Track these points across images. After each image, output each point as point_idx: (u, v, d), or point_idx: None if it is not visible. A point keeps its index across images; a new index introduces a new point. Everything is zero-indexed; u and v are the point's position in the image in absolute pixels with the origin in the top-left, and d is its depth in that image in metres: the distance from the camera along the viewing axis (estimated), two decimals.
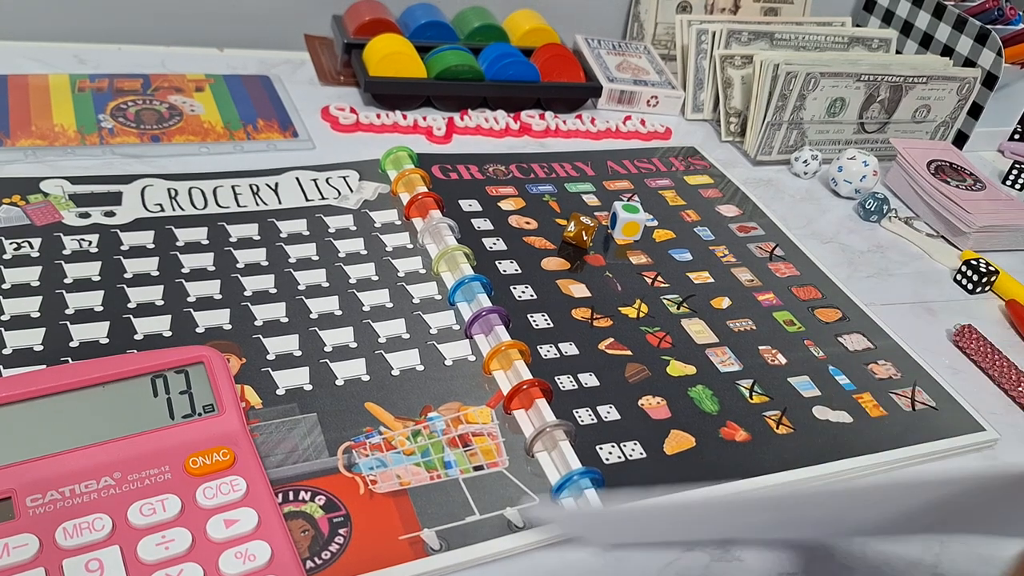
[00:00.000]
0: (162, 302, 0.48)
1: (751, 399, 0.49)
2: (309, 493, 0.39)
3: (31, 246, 0.49)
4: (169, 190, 0.56)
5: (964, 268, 0.65)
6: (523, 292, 0.54)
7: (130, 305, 0.47)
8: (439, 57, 0.72)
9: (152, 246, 0.51)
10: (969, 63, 0.84)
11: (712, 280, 0.59)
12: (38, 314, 0.45)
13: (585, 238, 0.58)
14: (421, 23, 0.76)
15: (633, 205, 0.61)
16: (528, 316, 0.52)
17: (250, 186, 0.59)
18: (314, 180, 0.60)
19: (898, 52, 0.89)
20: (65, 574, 0.33)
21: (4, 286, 0.46)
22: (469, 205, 0.61)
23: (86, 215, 0.53)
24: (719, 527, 0.38)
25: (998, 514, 0.33)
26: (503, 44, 0.76)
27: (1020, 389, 0.54)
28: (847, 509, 0.34)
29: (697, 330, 0.54)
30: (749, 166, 0.77)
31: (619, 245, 0.60)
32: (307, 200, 0.58)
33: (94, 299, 0.47)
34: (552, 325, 0.51)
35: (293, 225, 0.56)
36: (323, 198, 0.59)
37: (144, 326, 0.46)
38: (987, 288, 0.65)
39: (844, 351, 0.55)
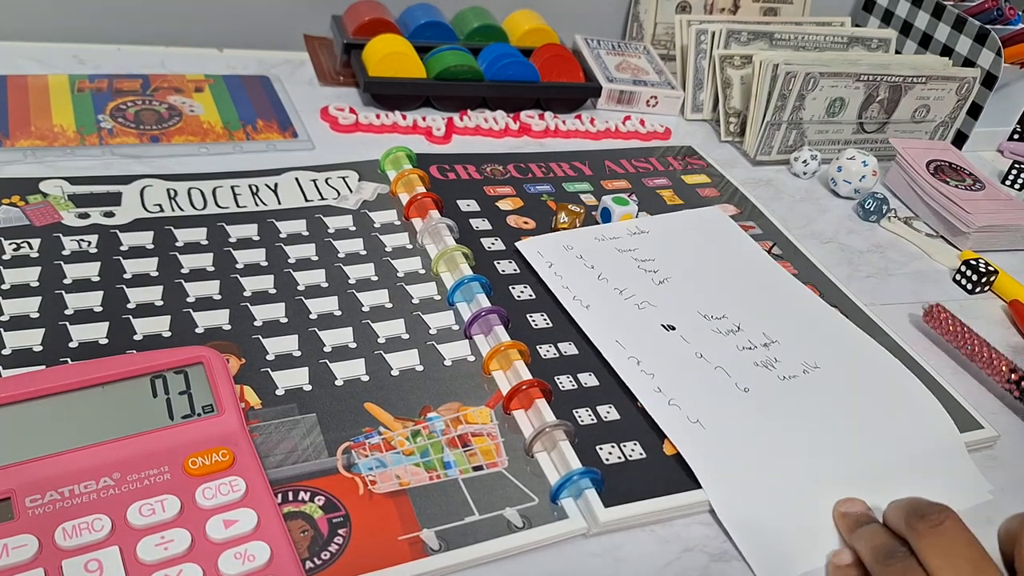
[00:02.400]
0: (161, 302, 0.48)
1: None
2: (308, 493, 0.39)
3: (30, 246, 0.49)
4: (168, 190, 0.56)
5: (963, 268, 0.65)
6: (522, 292, 0.54)
7: (129, 305, 0.47)
8: (438, 57, 0.72)
9: (151, 246, 0.51)
10: (968, 63, 0.84)
11: None
12: (37, 314, 0.45)
13: (578, 224, 0.60)
14: (420, 23, 0.76)
15: (621, 197, 0.62)
16: (527, 316, 0.52)
17: (249, 186, 0.59)
18: (313, 180, 0.60)
19: (897, 52, 0.89)
20: (64, 575, 0.33)
21: (3, 286, 0.46)
22: (467, 205, 0.61)
23: (85, 215, 0.53)
24: None
25: None
26: (502, 44, 0.76)
27: (998, 367, 0.54)
28: None
29: None
30: (748, 166, 0.77)
31: None
32: (306, 200, 0.58)
33: (93, 299, 0.47)
34: (551, 325, 0.51)
35: (292, 225, 0.56)
36: (322, 198, 0.59)
37: (143, 326, 0.46)
38: (986, 288, 0.65)
39: None
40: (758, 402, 0.48)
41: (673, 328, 0.52)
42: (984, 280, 0.64)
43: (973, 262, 0.65)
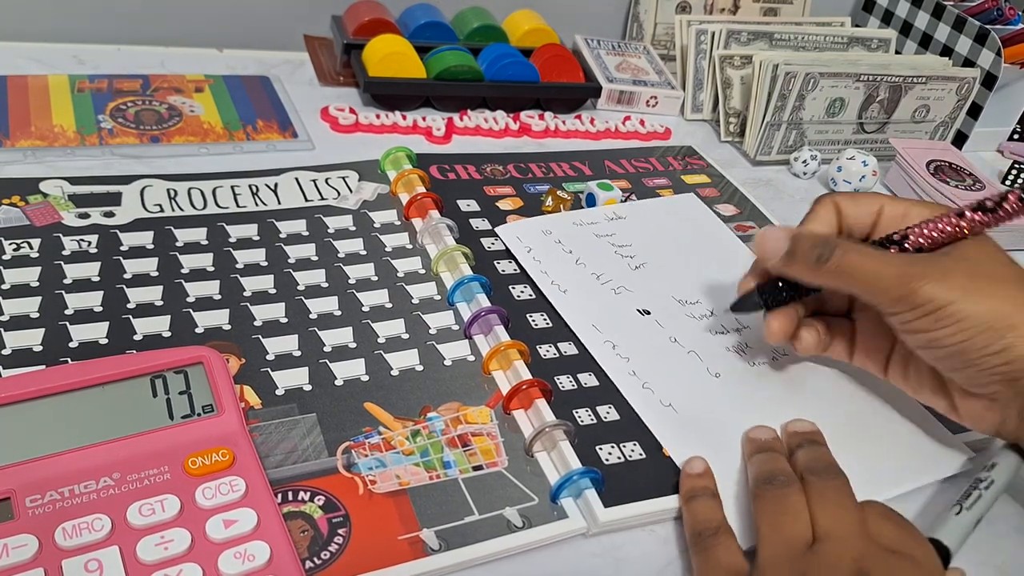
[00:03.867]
0: (161, 302, 0.48)
1: None
2: (308, 493, 0.39)
3: (30, 246, 0.49)
4: (168, 190, 0.56)
5: None
6: (522, 292, 0.54)
7: (129, 305, 0.47)
8: (438, 57, 0.72)
9: (151, 246, 0.51)
10: (968, 63, 0.84)
11: None
12: (37, 314, 0.45)
13: (563, 210, 0.61)
14: (420, 23, 0.76)
15: (606, 183, 0.63)
16: (527, 316, 0.52)
17: (249, 186, 0.59)
18: (313, 180, 0.61)
19: (897, 52, 0.89)
20: (64, 574, 0.33)
21: (4, 286, 0.46)
22: (467, 205, 0.61)
23: (85, 215, 0.53)
24: None
25: None
26: (502, 44, 0.76)
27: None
28: None
29: None
30: (748, 166, 0.77)
31: None
32: (306, 200, 0.58)
33: (93, 299, 0.47)
34: (551, 325, 0.51)
35: (292, 225, 0.56)
36: (322, 198, 0.59)
37: (143, 326, 0.46)
38: None
39: None
40: (729, 387, 0.49)
41: (648, 312, 0.52)
42: None
43: None
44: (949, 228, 0.43)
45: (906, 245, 0.43)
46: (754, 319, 0.53)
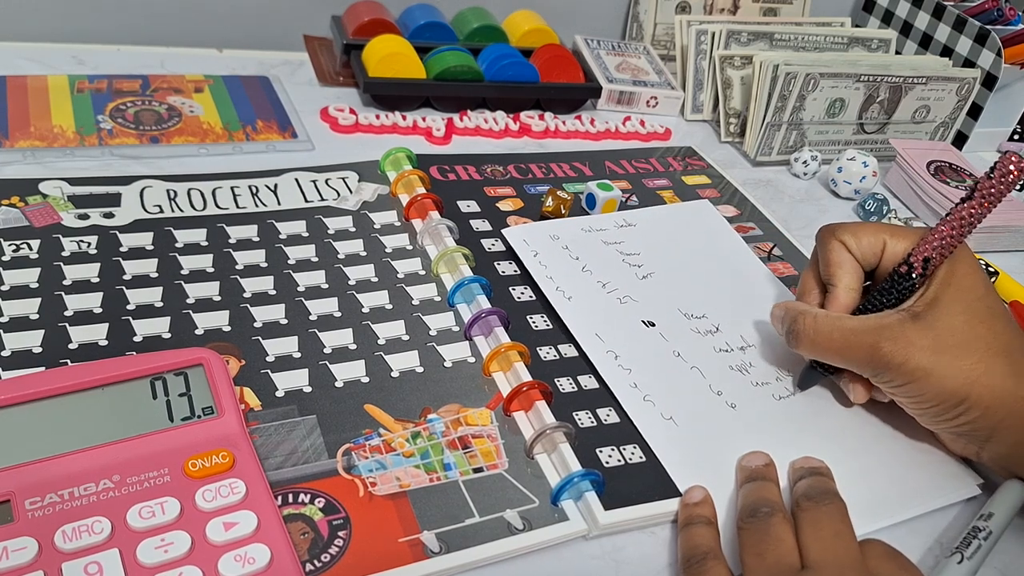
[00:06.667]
0: (161, 304, 0.48)
1: None
2: (308, 495, 0.39)
3: (30, 247, 0.49)
4: (168, 191, 0.56)
5: None
6: (522, 293, 0.54)
7: (129, 307, 0.47)
8: (438, 58, 0.72)
9: (151, 247, 0.51)
10: (969, 63, 0.84)
11: None
12: (37, 316, 0.45)
13: (563, 212, 0.61)
14: (420, 24, 0.76)
15: (606, 183, 0.63)
16: (527, 317, 0.52)
17: (249, 187, 0.58)
18: (313, 181, 0.60)
19: (897, 53, 0.89)
20: None
21: (3, 288, 0.46)
22: (467, 206, 0.61)
23: (85, 216, 0.53)
24: None
25: None
26: (502, 45, 0.76)
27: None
28: None
29: None
30: (748, 167, 0.77)
31: None
32: (306, 201, 0.58)
33: (93, 301, 0.47)
34: (551, 327, 0.51)
35: (292, 226, 0.56)
36: (322, 199, 0.59)
37: (143, 328, 0.46)
38: None
39: None
40: (731, 406, 0.48)
41: (653, 324, 0.52)
42: None
43: None
44: (946, 229, 0.44)
45: (913, 269, 0.44)
46: (764, 337, 0.53)
